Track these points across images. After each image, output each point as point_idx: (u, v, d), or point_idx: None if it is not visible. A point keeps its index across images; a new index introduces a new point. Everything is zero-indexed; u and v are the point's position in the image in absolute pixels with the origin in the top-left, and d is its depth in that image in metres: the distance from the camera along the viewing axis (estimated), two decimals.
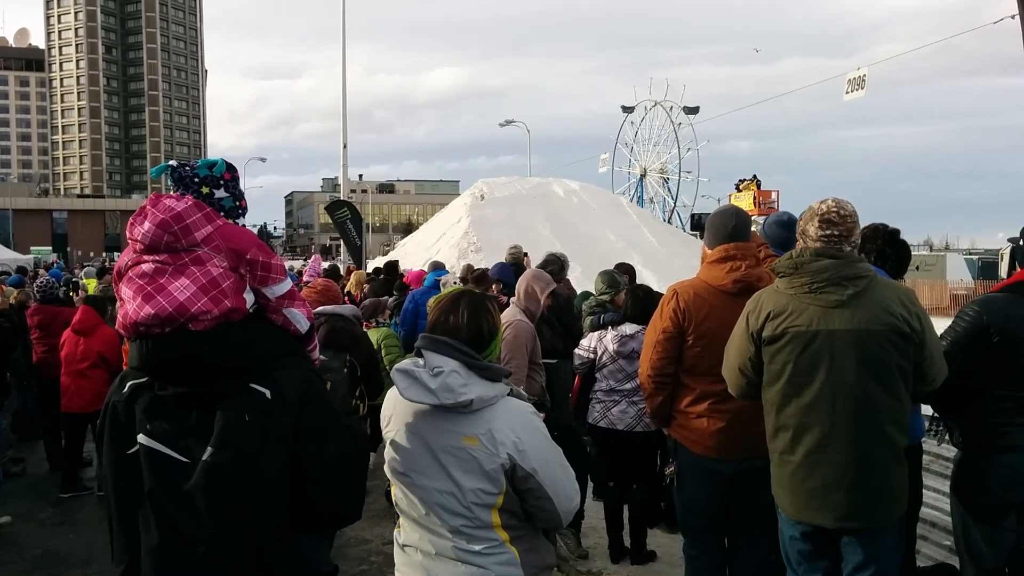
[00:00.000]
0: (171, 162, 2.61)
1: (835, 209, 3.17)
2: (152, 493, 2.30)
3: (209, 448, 2.27)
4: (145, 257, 2.41)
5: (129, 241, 2.49)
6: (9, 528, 6.53)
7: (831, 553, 3.27)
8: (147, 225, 2.40)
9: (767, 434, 3.32)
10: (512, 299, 5.23)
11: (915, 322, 3.07)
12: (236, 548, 2.31)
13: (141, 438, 2.32)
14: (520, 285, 5.24)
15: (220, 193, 2.60)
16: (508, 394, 2.48)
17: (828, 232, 3.14)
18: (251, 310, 2.47)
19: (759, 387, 3.30)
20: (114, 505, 2.41)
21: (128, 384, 2.41)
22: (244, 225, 2.69)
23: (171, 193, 2.53)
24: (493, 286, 7.31)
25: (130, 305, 2.35)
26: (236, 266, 2.45)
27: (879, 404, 3.06)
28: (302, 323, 2.61)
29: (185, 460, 2.29)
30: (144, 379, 2.39)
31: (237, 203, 2.66)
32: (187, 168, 2.58)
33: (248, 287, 2.48)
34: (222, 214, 2.56)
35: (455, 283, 7.54)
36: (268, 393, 2.33)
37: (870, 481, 3.09)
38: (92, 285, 14.04)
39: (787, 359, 3.16)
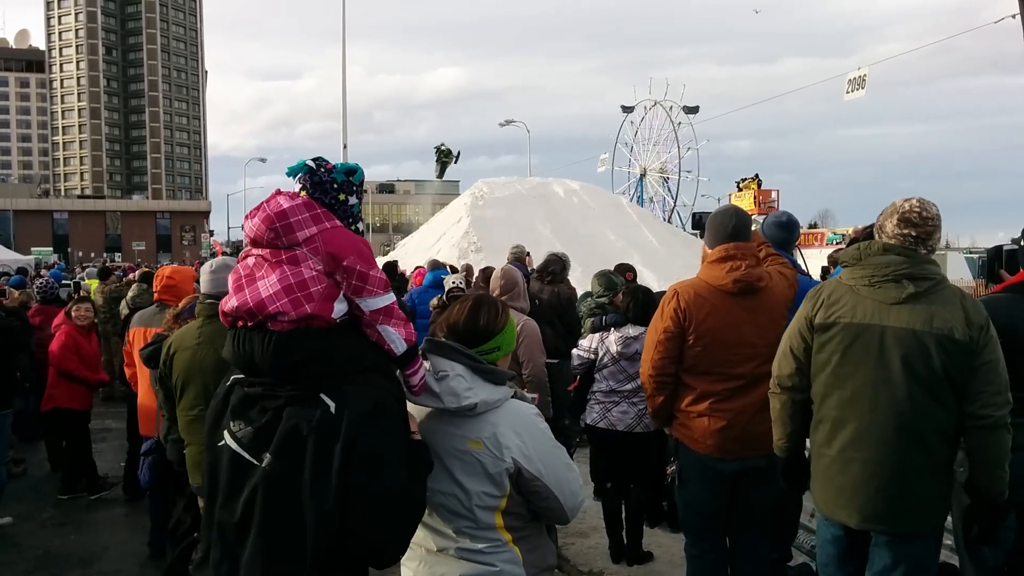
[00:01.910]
0: (309, 162, 2.51)
1: (918, 209, 3.05)
2: (222, 490, 2.28)
3: (267, 455, 2.22)
4: (252, 251, 2.41)
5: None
6: (10, 529, 6.52)
7: (861, 559, 3.22)
8: (256, 220, 2.38)
9: (810, 427, 3.29)
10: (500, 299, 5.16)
11: (975, 332, 2.95)
12: (272, 569, 2.22)
13: (225, 434, 2.31)
14: (503, 285, 5.15)
15: (352, 200, 2.53)
16: (512, 396, 2.50)
17: (906, 232, 3.05)
18: (338, 319, 2.36)
19: (807, 377, 3.24)
20: (205, 492, 2.40)
21: (232, 377, 2.40)
22: (360, 229, 2.59)
23: (289, 191, 2.48)
24: None
25: (229, 295, 2.39)
26: (332, 271, 2.35)
27: (921, 409, 2.98)
28: (397, 344, 2.43)
29: (256, 463, 2.24)
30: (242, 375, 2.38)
31: (360, 205, 2.60)
32: (326, 172, 2.49)
33: (342, 295, 2.38)
34: (350, 220, 2.50)
35: (455, 283, 7.52)
36: (333, 407, 2.22)
37: (901, 486, 3.02)
38: (94, 286, 14.04)
39: (834, 349, 3.12)
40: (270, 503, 2.21)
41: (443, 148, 36.43)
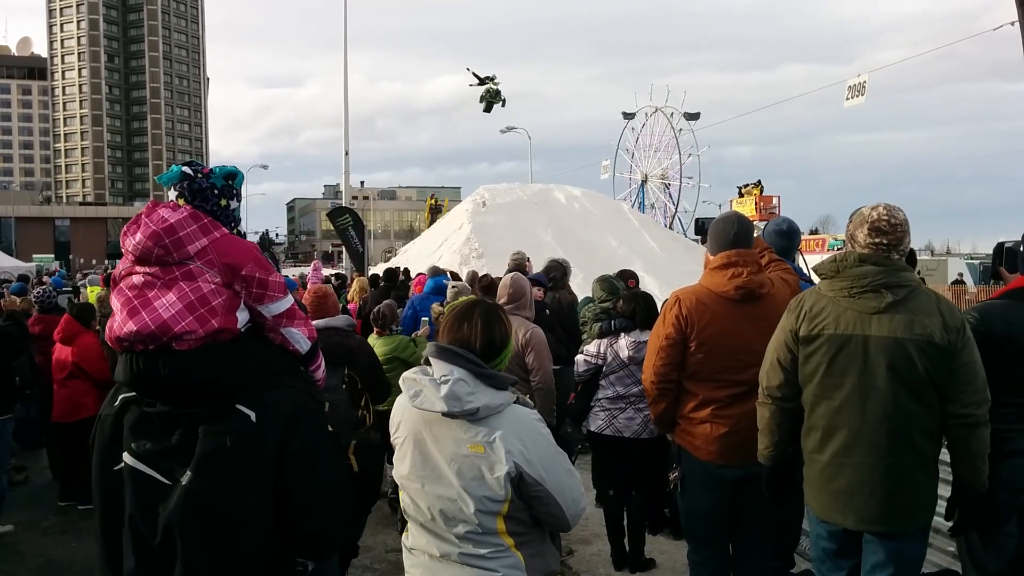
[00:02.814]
0: (184, 168, 2.44)
1: (886, 217, 3.12)
2: (131, 514, 2.20)
3: (188, 472, 2.15)
4: (136, 268, 2.30)
5: (124, 250, 2.36)
6: (12, 537, 6.52)
7: (855, 554, 3.28)
8: (139, 236, 2.28)
9: (801, 432, 3.34)
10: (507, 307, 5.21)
11: (952, 335, 3.03)
12: None
13: (126, 456, 2.21)
14: (512, 294, 5.20)
15: (234, 204, 2.50)
16: (514, 402, 2.50)
17: (877, 240, 3.12)
18: (243, 329, 2.34)
19: (796, 386, 3.30)
20: (98, 522, 2.30)
21: (120, 397, 2.32)
22: (243, 232, 2.56)
23: (168, 201, 2.40)
24: (535, 290, 7.10)
25: (117, 318, 2.25)
26: (230, 282, 2.32)
27: (908, 412, 3.06)
28: (302, 343, 2.47)
29: (167, 482, 2.17)
30: (134, 393, 2.29)
31: (239, 208, 2.57)
32: (204, 178, 2.43)
33: (243, 304, 2.34)
34: (232, 224, 2.46)
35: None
36: (253, 416, 2.20)
37: (894, 487, 3.10)
38: (94, 293, 14.04)
39: (820, 361, 3.18)
40: (195, 519, 2.15)
41: (493, 87, 30.32)
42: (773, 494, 3.60)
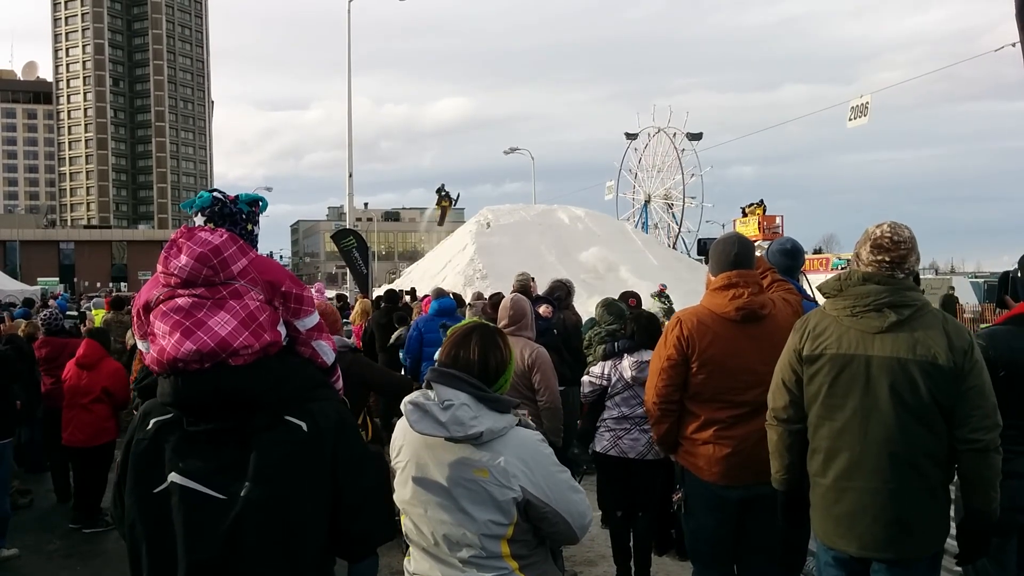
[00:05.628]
0: (215, 193, 2.57)
1: (889, 235, 3.09)
2: (186, 532, 2.23)
3: (247, 483, 2.23)
4: (180, 291, 2.35)
5: (161, 275, 2.41)
6: (17, 561, 6.51)
7: None
8: (184, 259, 2.34)
9: (807, 455, 3.28)
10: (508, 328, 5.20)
11: (959, 357, 2.94)
12: None
13: (174, 476, 2.26)
14: (512, 315, 5.23)
15: (256, 230, 2.65)
16: (517, 424, 2.51)
17: (879, 258, 3.07)
18: (285, 343, 2.45)
19: (802, 408, 3.23)
20: (144, 545, 2.32)
21: (152, 421, 2.35)
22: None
23: (202, 225, 2.51)
24: (543, 307, 7.21)
25: (166, 340, 2.28)
26: (271, 298, 2.43)
27: (912, 436, 2.98)
28: (328, 355, 2.60)
29: (222, 497, 2.24)
30: (170, 415, 2.33)
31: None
32: (233, 204, 2.56)
33: (281, 320, 2.45)
34: (254, 247, 2.58)
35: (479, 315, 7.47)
36: (304, 426, 2.30)
37: (898, 512, 3.01)
38: (99, 316, 14.09)
39: (823, 381, 3.13)
40: (256, 527, 2.23)
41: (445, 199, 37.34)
42: (788, 521, 3.49)
